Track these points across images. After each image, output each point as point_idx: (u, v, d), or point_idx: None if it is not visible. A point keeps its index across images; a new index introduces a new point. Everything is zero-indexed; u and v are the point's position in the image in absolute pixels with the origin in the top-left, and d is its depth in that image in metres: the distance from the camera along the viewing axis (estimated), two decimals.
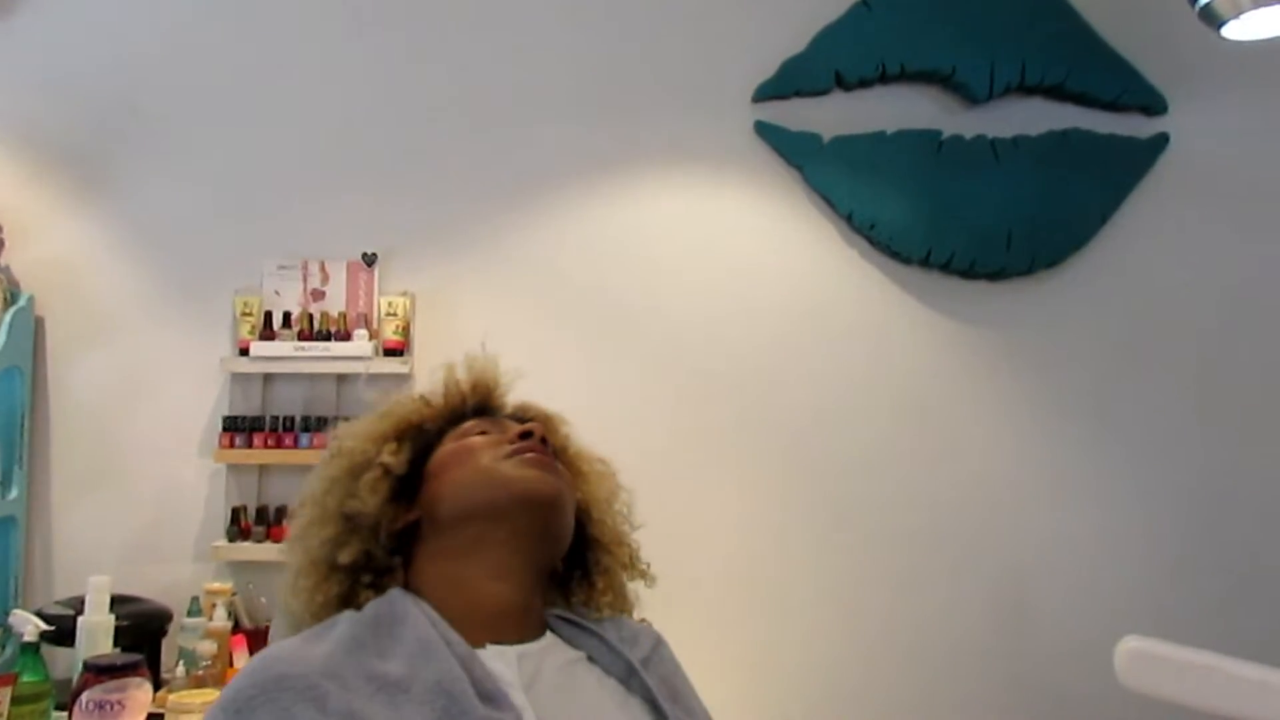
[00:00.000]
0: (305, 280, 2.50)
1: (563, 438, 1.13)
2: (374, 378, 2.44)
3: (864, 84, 2.62)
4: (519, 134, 2.59)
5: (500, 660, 0.87)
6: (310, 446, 2.36)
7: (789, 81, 2.60)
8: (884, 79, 2.61)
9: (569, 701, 0.87)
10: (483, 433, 1.05)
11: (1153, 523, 2.56)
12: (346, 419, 2.50)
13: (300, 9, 2.60)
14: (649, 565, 1.13)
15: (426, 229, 2.55)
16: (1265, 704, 0.70)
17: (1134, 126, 2.64)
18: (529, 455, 0.99)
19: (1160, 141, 2.63)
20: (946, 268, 2.58)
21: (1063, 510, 2.55)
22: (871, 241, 2.59)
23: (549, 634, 0.97)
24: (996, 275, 2.59)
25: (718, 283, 2.57)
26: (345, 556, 0.97)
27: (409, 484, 1.02)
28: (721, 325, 2.55)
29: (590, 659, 0.95)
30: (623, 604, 1.10)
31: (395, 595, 0.93)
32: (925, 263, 2.58)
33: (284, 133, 2.57)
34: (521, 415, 1.13)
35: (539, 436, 1.01)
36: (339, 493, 1.00)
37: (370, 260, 2.51)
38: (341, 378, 2.46)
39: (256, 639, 2.24)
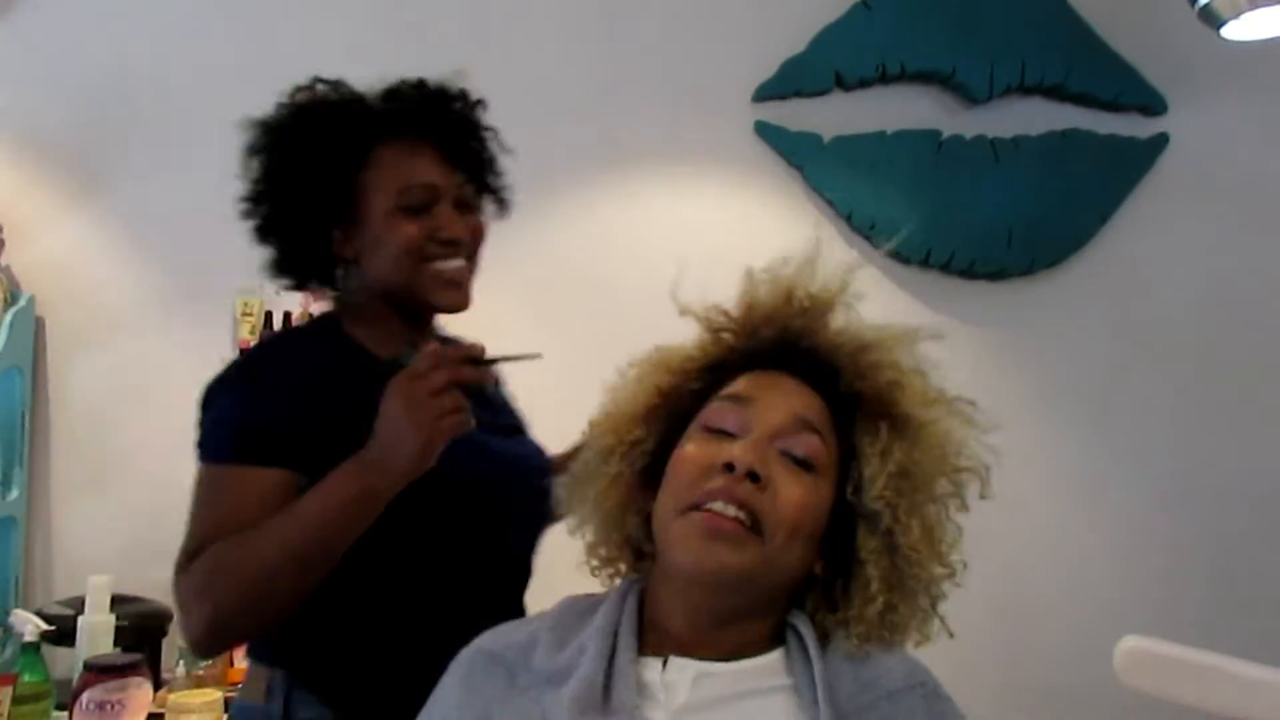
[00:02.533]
0: None
1: (887, 388, 0.90)
2: None
3: (864, 84, 2.62)
4: (518, 134, 2.55)
5: (672, 674, 0.82)
6: None
7: (789, 81, 2.60)
8: (884, 79, 2.62)
9: None
10: (721, 430, 0.88)
11: (1151, 522, 2.56)
12: None
13: (300, 8, 2.60)
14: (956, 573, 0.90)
15: None
16: (1265, 704, 0.70)
17: (1133, 126, 2.64)
18: (701, 517, 0.82)
19: (1160, 141, 2.63)
20: (946, 268, 2.58)
21: (1061, 509, 2.55)
22: (871, 241, 2.59)
23: (776, 652, 0.86)
24: (996, 275, 2.60)
25: (717, 283, 2.56)
26: (592, 540, 0.96)
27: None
28: None
29: (796, 689, 0.82)
30: (894, 631, 0.87)
31: (621, 585, 0.92)
32: (925, 263, 2.58)
33: None
34: (846, 361, 0.90)
35: (743, 472, 0.82)
36: (590, 477, 0.95)
37: None
38: None
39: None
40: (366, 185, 1.19)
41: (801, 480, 0.85)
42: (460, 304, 1.25)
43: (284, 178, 1.23)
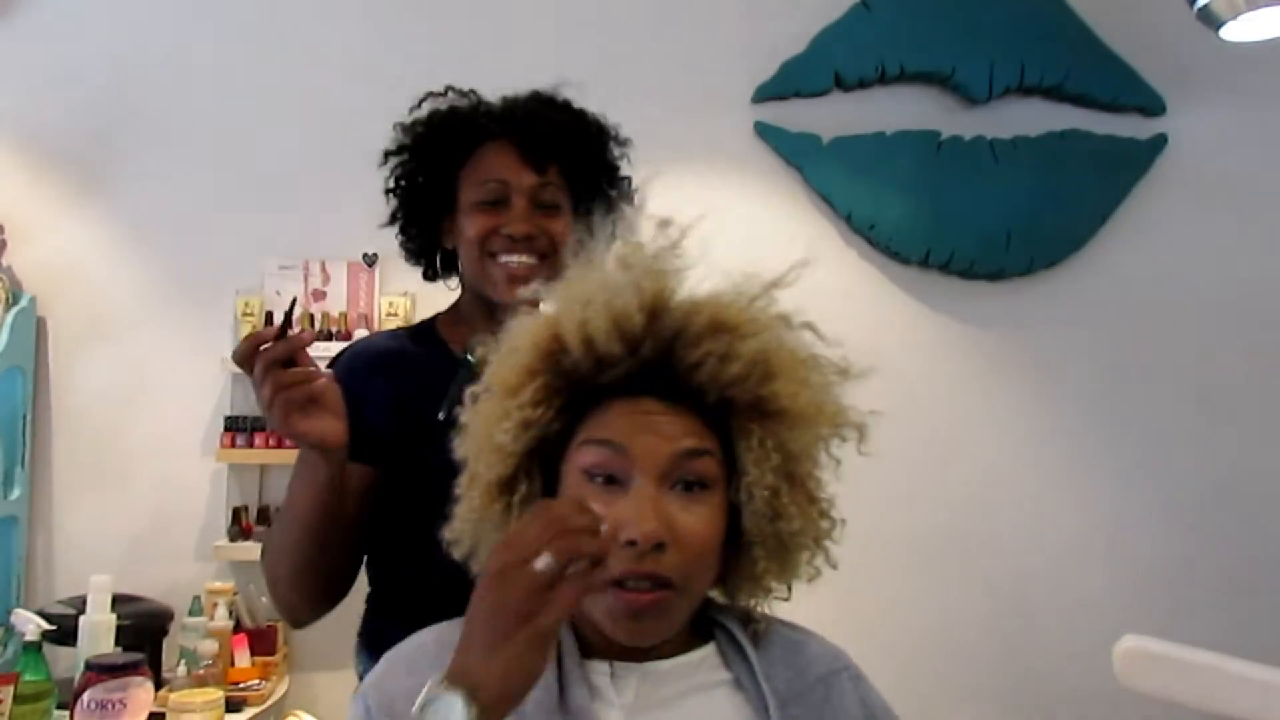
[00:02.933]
0: (306, 280, 2.51)
1: (768, 389, 0.85)
2: None
3: (863, 85, 2.62)
4: None
5: (621, 678, 0.84)
6: None
7: (789, 82, 2.60)
8: (883, 80, 2.62)
9: None
10: (608, 478, 0.83)
11: (1151, 521, 2.56)
12: None
13: (301, 9, 2.60)
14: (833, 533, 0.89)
15: None
16: (1264, 703, 0.70)
17: (1132, 127, 2.65)
18: (619, 601, 0.80)
19: (1159, 142, 2.64)
20: (946, 268, 2.59)
21: (1061, 508, 2.56)
22: (871, 242, 2.60)
23: (708, 647, 0.89)
24: (996, 275, 2.60)
25: (716, 283, 2.57)
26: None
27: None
28: None
29: (736, 682, 0.86)
30: (788, 582, 0.90)
31: None
32: (925, 263, 2.59)
33: (285, 133, 2.57)
34: (713, 380, 0.84)
35: (647, 547, 0.78)
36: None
37: (371, 260, 2.51)
38: None
39: (258, 638, 2.24)
40: (462, 180, 1.27)
41: (698, 506, 0.83)
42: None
43: (403, 171, 1.32)
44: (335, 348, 2.35)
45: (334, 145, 2.57)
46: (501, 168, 1.24)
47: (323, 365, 2.53)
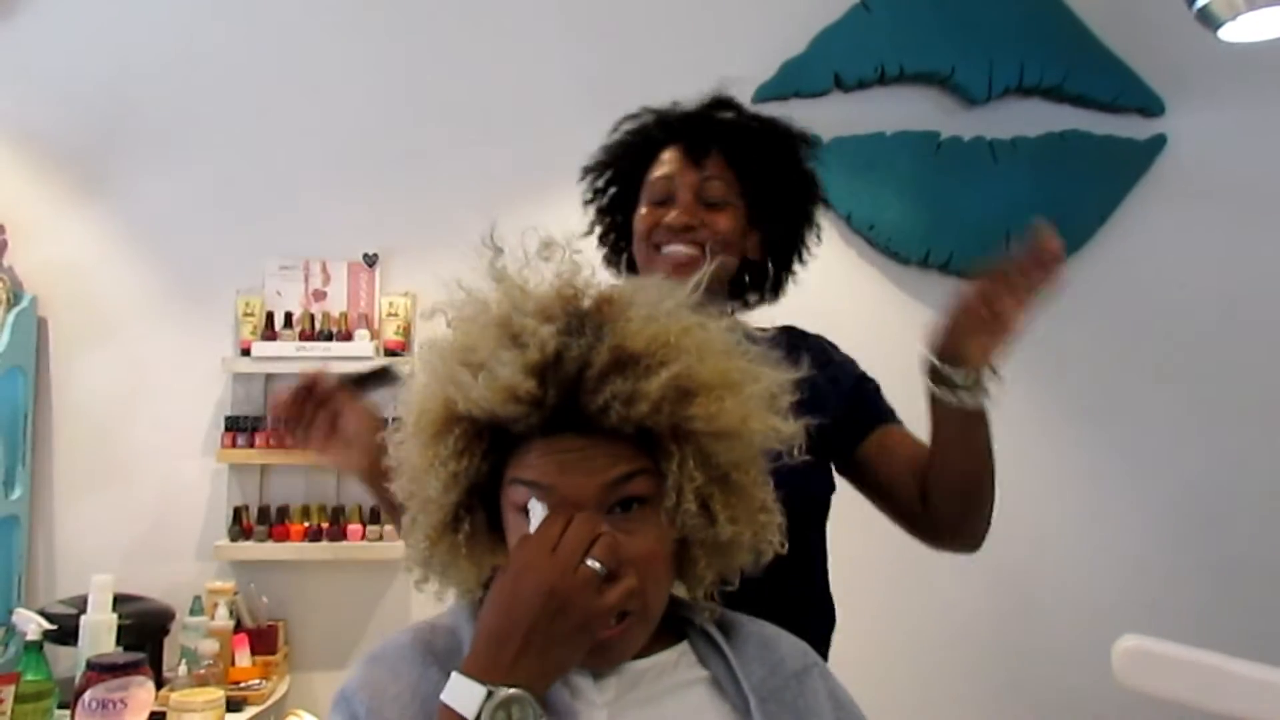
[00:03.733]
0: (307, 280, 2.51)
1: (698, 415, 0.81)
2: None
3: (863, 85, 2.63)
4: (519, 134, 2.59)
5: (601, 677, 0.84)
6: None
7: (789, 82, 2.60)
8: (883, 80, 2.62)
9: None
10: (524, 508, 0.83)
11: (1151, 521, 2.57)
12: None
13: (301, 11, 2.60)
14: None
15: (427, 229, 2.55)
16: (1263, 703, 0.70)
17: (1132, 128, 2.65)
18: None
19: (1158, 143, 2.64)
20: (945, 268, 2.59)
21: (1061, 509, 2.56)
22: (871, 242, 2.60)
23: (682, 644, 0.90)
24: None
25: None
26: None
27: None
28: None
29: (714, 681, 0.86)
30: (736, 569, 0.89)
31: None
32: (924, 263, 2.59)
33: (285, 133, 2.57)
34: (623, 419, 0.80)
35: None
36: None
37: (371, 260, 2.51)
38: None
39: (258, 638, 2.25)
40: (643, 187, 1.35)
41: (640, 525, 0.82)
42: None
43: (602, 185, 1.43)
44: (336, 348, 2.38)
45: (334, 145, 2.58)
46: (667, 165, 1.32)
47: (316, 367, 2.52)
